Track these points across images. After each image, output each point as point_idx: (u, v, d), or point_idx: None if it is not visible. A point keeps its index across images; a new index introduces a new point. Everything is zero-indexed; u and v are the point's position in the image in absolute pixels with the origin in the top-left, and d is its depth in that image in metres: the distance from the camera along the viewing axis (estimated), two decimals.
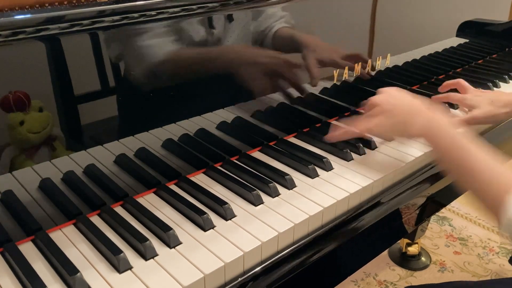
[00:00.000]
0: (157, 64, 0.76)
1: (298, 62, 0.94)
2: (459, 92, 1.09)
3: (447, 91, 1.12)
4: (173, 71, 0.79)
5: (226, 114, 0.88)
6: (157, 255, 0.64)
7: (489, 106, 1.01)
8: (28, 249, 0.66)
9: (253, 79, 0.88)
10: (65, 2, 0.65)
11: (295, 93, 0.97)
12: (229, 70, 0.85)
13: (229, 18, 0.81)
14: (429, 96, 1.17)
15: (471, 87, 1.09)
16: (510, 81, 1.31)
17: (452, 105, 1.11)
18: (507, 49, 1.53)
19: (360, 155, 0.91)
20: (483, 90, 1.07)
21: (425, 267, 1.71)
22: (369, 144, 0.93)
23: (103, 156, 0.74)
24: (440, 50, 1.31)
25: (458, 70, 1.37)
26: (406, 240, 1.72)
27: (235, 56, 0.85)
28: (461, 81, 1.10)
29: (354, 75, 1.07)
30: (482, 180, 0.72)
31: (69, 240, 0.68)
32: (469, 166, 0.74)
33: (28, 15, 0.60)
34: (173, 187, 0.80)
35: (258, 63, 0.88)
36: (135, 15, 0.69)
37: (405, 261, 1.73)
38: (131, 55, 0.73)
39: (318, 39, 0.98)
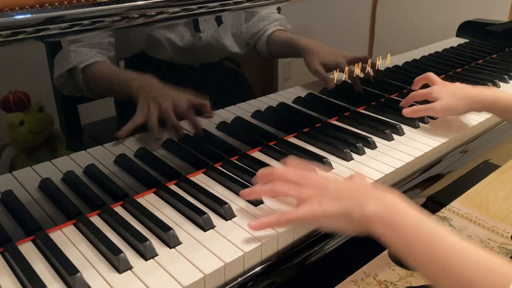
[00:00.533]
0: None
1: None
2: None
3: (421, 87, 1.09)
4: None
5: (226, 114, 0.88)
6: (157, 255, 0.64)
7: (450, 97, 0.99)
8: (28, 249, 0.66)
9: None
10: (65, 2, 0.65)
11: (291, 96, 0.97)
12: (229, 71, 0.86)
13: (218, 20, 0.79)
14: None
15: (439, 80, 1.05)
16: (510, 81, 1.31)
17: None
18: (507, 49, 1.53)
19: (360, 155, 0.91)
20: (451, 83, 1.05)
21: None
22: (369, 144, 0.93)
23: (103, 156, 0.74)
24: (440, 50, 1.31)
25: (458, 70, 1.37)
26: None
27: None
28: (430, 74, 1.07)
29: (354, 75, 1.07)
30: (467, 273, 0.53)
31: (69, 240, 0.68)
32: (445, 256, 0.55)
33: (28, 15, 0.60)
34: (173, 187, 0.80)
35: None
36: (136, 15, 0.69)
37: None
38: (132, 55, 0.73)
39: (319, 43, 0.96)
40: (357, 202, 0.64)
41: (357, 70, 1.06)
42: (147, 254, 0.64)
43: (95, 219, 0.72)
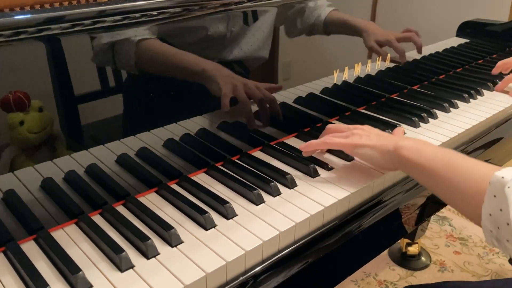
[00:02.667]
0: (161, 64, 0.76)
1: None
2: None
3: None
4: (174, 72, 0.79)
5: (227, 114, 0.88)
6: (158, 254, 0.65)
7: None
8: (30, 248, 0.66)
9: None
10: (65, 2, 0.66)
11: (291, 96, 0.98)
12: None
13: (254, 16, 0.83)
14: (431, 95, 1.17)
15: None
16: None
17: None
18: (507, 49, 1.53)
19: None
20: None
21: (425, 267, 1.71)
22: None
23: (104, 155, 0.74)
24: (440, 50, 1.31)
25: (458, 70, 1.38)
26: (406, 240, 1.72)
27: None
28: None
29: (354, 75, 1.07)
30: (460, 180, 0.69)
31: (71, 239, 0.68)
32: (449, 170, 0.71)
33: (28, 15, 0.60)
34: (175, 186, 0.80)
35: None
36: (137, 15, 0.69)
37: (405, 261, 1.73)
38: (122, 49, 0.73)
39: (372, 24, 1.06)
40: (391, 139, 0.80)
41: (356, 70, 1.06)
42: (149, 253, 0.64)
43: (97, 218, 0.72)
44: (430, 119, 1.06)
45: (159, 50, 0.76)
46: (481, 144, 1.06)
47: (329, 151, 0.91)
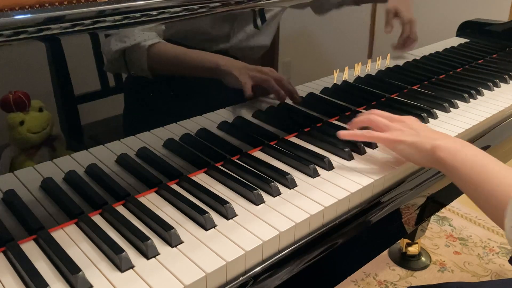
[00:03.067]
0: (162, 65, 0.76)
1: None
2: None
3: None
4: (178, 72, 0.79)
5: (227, 114, 0.88)
6: (158, 254, 0.64)
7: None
8: (30, 248, 0.66)
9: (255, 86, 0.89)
10: (65, 2, 0.65)
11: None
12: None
13: (262, 17, 0.85)
14: (431, 95, 1.17)
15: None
16: (510, 81, 1.31)
17: None
18: (507, 49, 1.54)
19: (361, 154, 0.91)
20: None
21: (425, 267, 1.71)
22: (369, 144, 0.93)
23: (104, 155, 0.74)
24: (440, 50, 1.31)
25: (458, 70, 1.38)
26: (406, 240, 1.72)
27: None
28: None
29: (354, 75, 1.07)
30: (490, 188, 0.70)
31: (71, 239, 0.68)
32: (481, 177, 0.72)
33: (28, 15, 0.60)
34: (175, 186, 0.80)
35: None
36: (137, 15, 0.69)
37: (405, 261, 1.73)
38: (133, 55, 0.73)
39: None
40: (430, 137, 0.81)
41: (356, 69, 1.06)
42: (149, 253, 0.64)
43: (97, 218, 0.72)
44: (430, 119, 1.06)
45: (171, 52, 0.77)
46: (480, 144, 1.06)
47: (331, 148, 0.91)
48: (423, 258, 1.74)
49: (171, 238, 0.66)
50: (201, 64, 0.82)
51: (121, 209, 0.74)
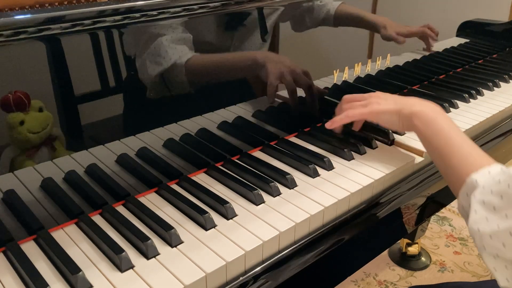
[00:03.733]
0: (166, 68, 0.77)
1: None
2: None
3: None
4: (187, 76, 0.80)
5: (227, 114, 0.88)
6: (158, 254, 0.65)
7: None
8: (30, 248, 0.66)
9: (260, 82, 0.90)
10: (65, 2, 0.66)
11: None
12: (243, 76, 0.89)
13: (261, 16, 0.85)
14: (431, 95, 1.17)
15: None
16: (510, 80, 1.31)
17: None
18: (507, 49, 1.54)
19: (361, 154, 0.91)
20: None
21: (425, 267, 1.71)
22: (369, 144, 0.93)
23: (104, 155, 0.74)
24: (440, 50, 1.31)
25: (458, 70, 1.38)
26: (406, 240, 1.72)
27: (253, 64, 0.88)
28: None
29: (354, 75, 1.07)
30: (453, 163, 0.74)
31: (71, 239, 0.68)
32: (446, 150, 0.76)
33: (28, 15, 0.60)
34: (175, 186, 0.80)
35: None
36: (137, 15, 0.69)
37: (405, 261, 1.73)
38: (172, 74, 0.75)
39: (384, 18, 1.09)
40: (408, 104, 0.84)
41: (356, 69, 1.06)
42: (149, 253, 0.64)
43: (97, 219, 0.72)
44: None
45: (207, 61, 0.80)
46: (480, 143, 1.06)
47: (331, 148, 0.91)
48: (423, 258, 1.74)
49: (171, 238, 0.66)
50: (240, 63, 0.85)
51: (121, 209, 0.74)
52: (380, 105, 0.87)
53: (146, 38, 0.72)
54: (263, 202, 0.76)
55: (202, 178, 0.83)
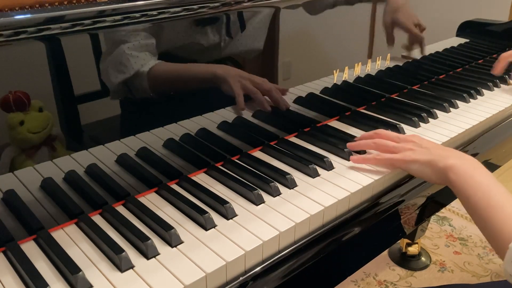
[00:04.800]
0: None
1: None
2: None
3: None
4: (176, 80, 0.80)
5: (227, 114, 0.88)
6: (158, 254, 0.65)
7: None
8: (30, 248, 0.66)
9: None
10: (65, 2, 0.65)
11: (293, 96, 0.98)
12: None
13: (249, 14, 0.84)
14: (431, 95, 1.17)
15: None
16: (510, 81, 1.31)
17: None
18: (507, 49, 1.53)
19: (361, 154, 0.91)
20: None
21: (425, 267, 1.71)
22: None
23: (104, 155, 0.74)
24: (440, 50, 1.31)
25: (458, 70, 1.38)
26: (406, 240, 1.72)
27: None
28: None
29: (354, 75, 1.07)
30: (494, 225, 0.70)
31: (71, 239, 0.68)
32: (487, 212, 0.71)
33: (28, 15, 0.60)
34: (175, 186, 0.80)
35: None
36: (137, 15, 0.69)
37: (405, 261, 1.73)
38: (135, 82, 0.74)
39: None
40: (443, 156, 0.79)
41: (356, 69, 1.06)
42: (149, 253, 0.64)
43: (97, 218, 0.72)
44: (430, 119, 1.06)
45: (169, 70, 0.78)
46: (480, 144, 1.06)
47: (331, 148, 0.91)
48: (423, 258, 1.74)
49: (171, 238, 0.66)
50: (199, 76, 0.82)
51: (121, 209, 0.74)
52: (414, 153, 0.83)
53: (146, 37, 0.72)
54: (263, 202, 0.76)
55: (202, 178, 0.83)
